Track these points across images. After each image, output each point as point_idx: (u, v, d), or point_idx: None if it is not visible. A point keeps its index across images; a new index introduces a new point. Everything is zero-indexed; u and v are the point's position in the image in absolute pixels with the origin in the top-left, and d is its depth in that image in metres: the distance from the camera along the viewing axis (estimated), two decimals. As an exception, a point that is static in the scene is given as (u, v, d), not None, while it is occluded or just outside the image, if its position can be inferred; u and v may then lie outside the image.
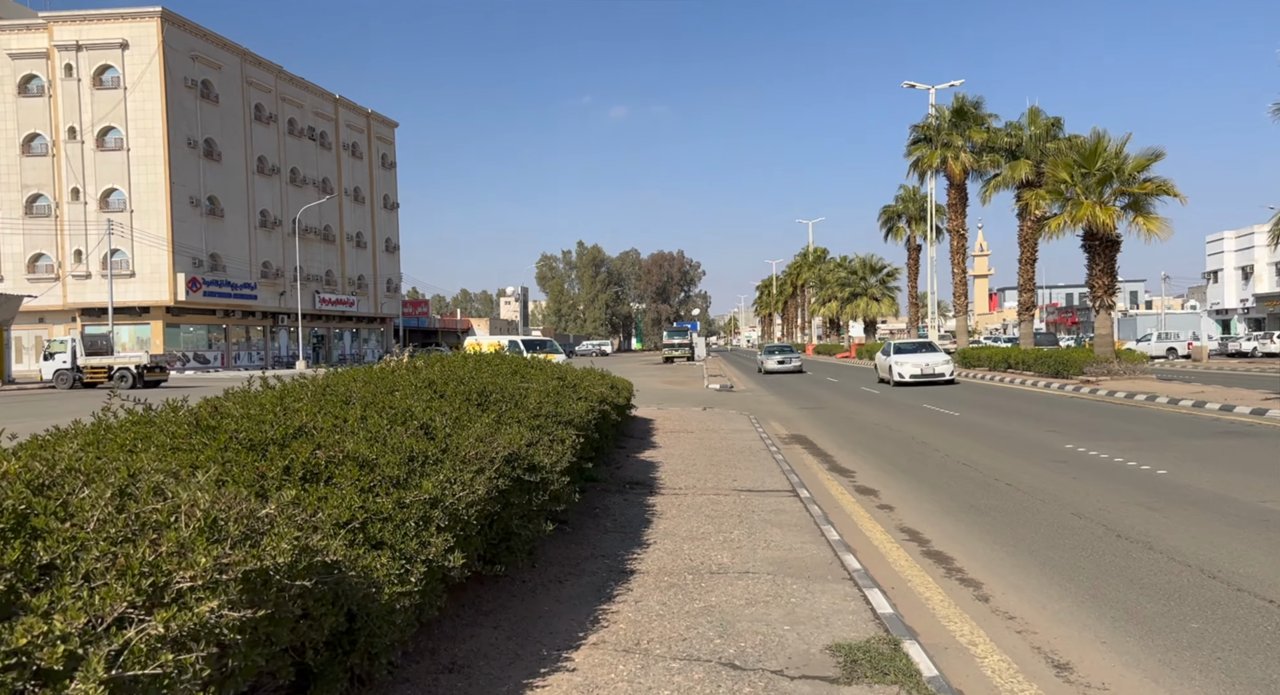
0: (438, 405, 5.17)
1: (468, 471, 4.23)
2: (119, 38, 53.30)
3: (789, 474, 10.89)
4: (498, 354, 8.45)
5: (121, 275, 53.71)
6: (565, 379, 8.52)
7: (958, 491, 10.00)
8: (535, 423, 6.00)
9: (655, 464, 11.76)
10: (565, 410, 6.76)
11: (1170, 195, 25.10)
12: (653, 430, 16.47)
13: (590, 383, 9.47)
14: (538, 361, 9.10)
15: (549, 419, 6.34)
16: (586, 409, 7.72)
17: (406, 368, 6.37)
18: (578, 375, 9.23)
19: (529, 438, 5.46)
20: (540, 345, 33.01)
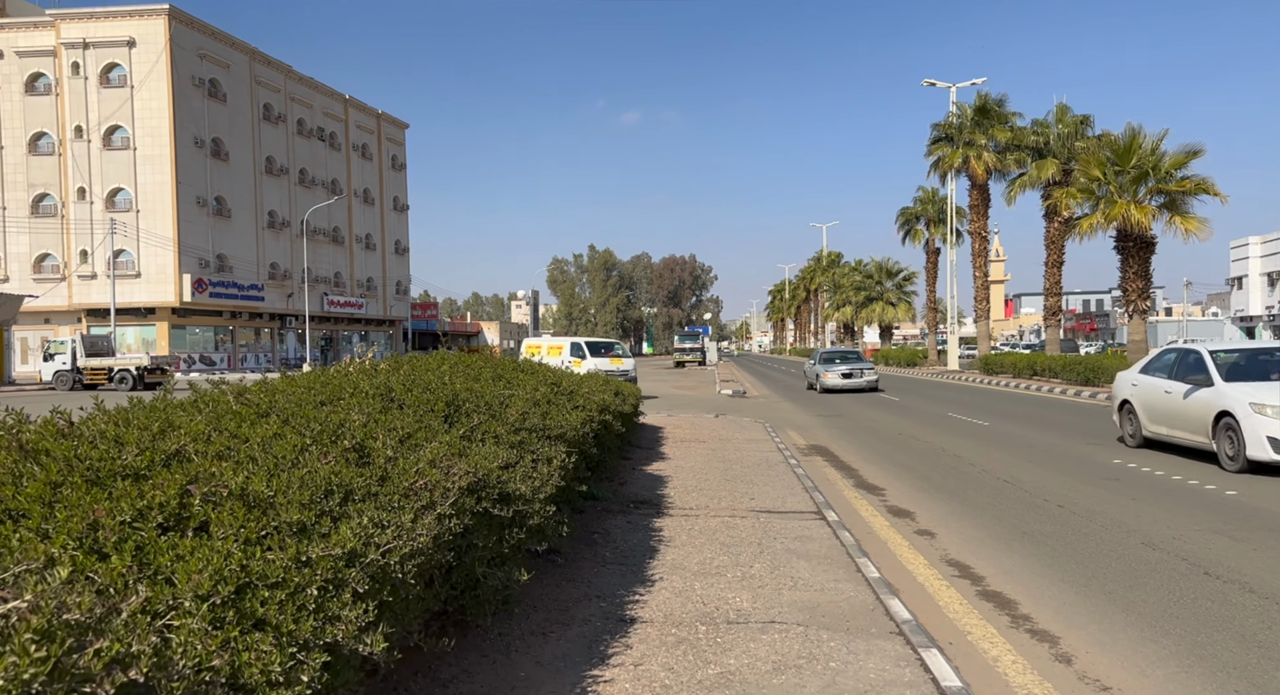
0: (387, 419, 4.11)
1: (409, 510, 3.17)
2: (126, 35, 52.71)
3: (812, 492, 9.78)
4: (482, 356, 7.39)
5: (127, 276, 53.06)
6: (560, 384, 7.46)
7: (1004, 514, 8.87)
8: (516, 438, 4.94)
9: (664, 479, 10.68)
10: (556, 422, 5.69)
11: (1210, 194, 23.84)
12: (662, 439, 15.40)
13: (591, 389, 8.40)
14: (530, 365, 8.04)
15: (534, 434, 5.28)
16: (583, 420, 6.66)
17: (361, 371, 5.33)
18: (576, 380, 8.17)
19: (505, 458, 4.41)
20: (605, 348, 28.84)
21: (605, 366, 25.51)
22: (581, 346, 27.67)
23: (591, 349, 27.63)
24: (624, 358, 28.28)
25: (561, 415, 6.11)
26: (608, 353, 28.05)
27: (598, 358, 26.43)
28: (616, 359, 27.23)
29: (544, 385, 6.85)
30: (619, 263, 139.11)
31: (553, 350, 27.47)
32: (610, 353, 28.10)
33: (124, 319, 52.82)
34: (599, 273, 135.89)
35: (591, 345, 28.15)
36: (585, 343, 28.23)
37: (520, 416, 5.28)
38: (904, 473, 11.96)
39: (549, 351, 27.34)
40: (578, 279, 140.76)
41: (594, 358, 26.22)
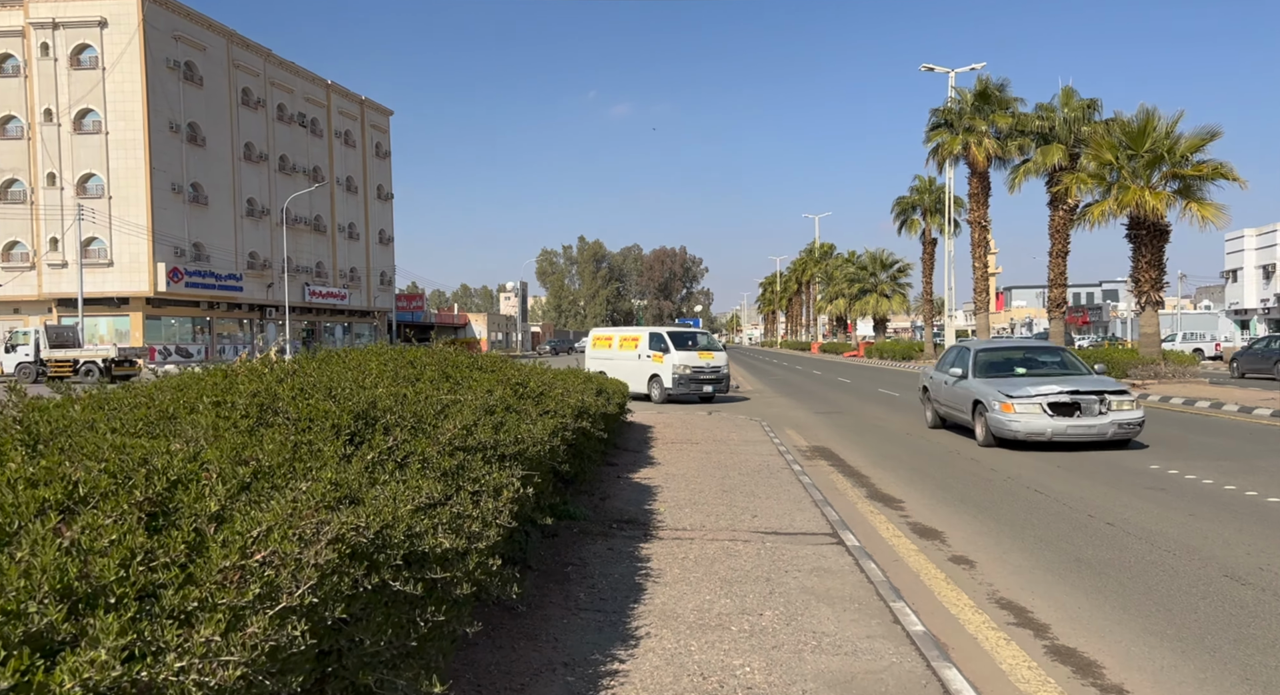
0: (240, 446, 2.79)
1: (220, 616, 1.86)
2: (97, 16, 50.87)
3: (823, 506, 8.51)
4: (429, 350, 6.07)
5: (99, 264, 51.37)
6: (528, 384, 6.14)
7: (1048, 534, 7.62)
8: (451, 462, 3.64)
9: (653, 490, 9.39)
10: (512, 436, 4.38)
11: (1229, 179, 22.64)
12: (651, 441, 14.11)
13: (566, 388, 7.09)
14: (494, 360, 6.71)
15: (480, 454, 3.97)
16: (552, 430, 5.35)
17: (249, 372, 4.01)
18: (547, 379, 6.85)
19: (428, 495, 3.11)
20: (691, 339, 23.51)
21: (693, 362, 22.20)
22: (663, 338, 22.87)
23: (676, 340, 22.81)
24: (715, 351, 23.16)
25: (522, 426, 4.79)
26: (695, 345, 23.17)
27: (683, 351, 22.39)
28: (706, 353, 22.76)
29: (504, 386, 5.53)
30: (609, 254, 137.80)
31: (626, 343, 23.90)
32: (698, 345, 23.30)
33: (96, 309, 51.20)
34: (588, 264, 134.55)
35: (676, 336, 23.21)
36: (668, 333, 23.26)
37: (461, 431, 3.97)
38: (920, 480, 10.71)
39: (621, 344, 23.96)
40: (567, 271, 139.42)
41: (679, 351, 22.29)
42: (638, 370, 22.95)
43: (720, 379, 22.70)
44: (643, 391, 22.65)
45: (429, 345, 29.07)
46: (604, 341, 25.00)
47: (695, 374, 22.21)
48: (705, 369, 22.50)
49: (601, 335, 25.57)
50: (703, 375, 22.33)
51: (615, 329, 25.79)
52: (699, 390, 22.36)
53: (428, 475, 3.44)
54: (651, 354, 22.87)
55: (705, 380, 22.32)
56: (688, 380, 22.06)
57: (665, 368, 22.28)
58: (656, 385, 22.61)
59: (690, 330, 25.13)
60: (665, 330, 23.47)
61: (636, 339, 23.65)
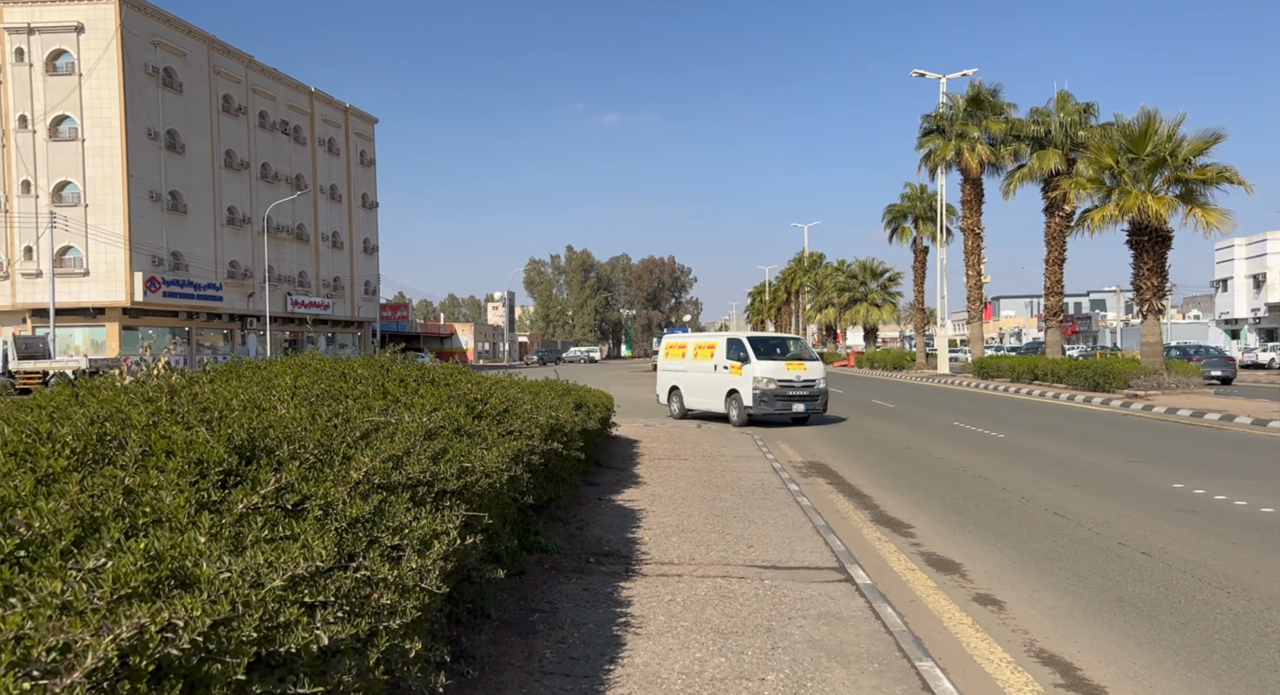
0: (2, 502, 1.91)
1: None
2: (74, 21, 49.87)
3: (825, 533, 7.66)
4: (370, 360, 5.17)
5: (75, 274, 50.22)
6: (488, 400, 5.26)
7: (1080, 567, 6.78)
8: (363, 508, 2.77)
9: (637, 514, 8.51)
10: (454, 468, 3.51)
11: (1234, 183, 21.98)
12: (637, 456, 13.24)
13: (536, 404, 6.22)
14: (450, 372, 5.83)
15: (409, 494, 3.10)
16: (514, 455, 4.47)
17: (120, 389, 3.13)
18: (513, 393, 5.97)
19: (317, 559, 2.24)
20: (779, 347, 19.68)
21: (779, 374, 18.26)
22: (743, 344, 18.96)
23: (758, 347, 18.89)
24: (807, 360, 19.01)
25: (473, 452, 3.92)
26: (783, 353, 19.18)
27: (767, 360, 18.50)
28: (795, 363, 18.67)
29: (456, 404, 4.66)
30: (597, 264, 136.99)
31: (701, 351, 20.26)
32: (786, 353, 19.24)
33: (72, 319, 50.07)
34: (577, 274, 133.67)
35: (759, 343, 19.31)
36: (749, 339, 19.20)
37: (384, 464, 3.10)
38: (927, 501, 9.87)
39: (696, 353, 20.42)
40: (555, 280, 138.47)
41: (762, 361, 18.42)
42: (714, 385, 19.51)
43: (815, 395, 18.60)
44: (720, 410, 19.34)
45: (416, 356, 27.55)
46: (677, 350, 21.39)
47: (782, 389, 18.27)
48: (795, 383, 18.40)
49: (675, 343, 21.74)
50: (792, 390, 18.35)
51: (690, 335, 22.13)
52: (787, 409, 18.28)
53: (327, 528, 2.57)
54: (729, 365, 18.97)
55: (795, 396, 18.34)
56: (772, 397, 18.19)
57: (744, 381, 18.48)
58: (734, 403, 18.73)
59: (778, 336, 21.00)
60: (745, 336, 19.36)
61: (712, 347, 20.00)
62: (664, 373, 21.64)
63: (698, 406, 20.18)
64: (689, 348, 20.93)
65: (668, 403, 21.12)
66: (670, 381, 21.18)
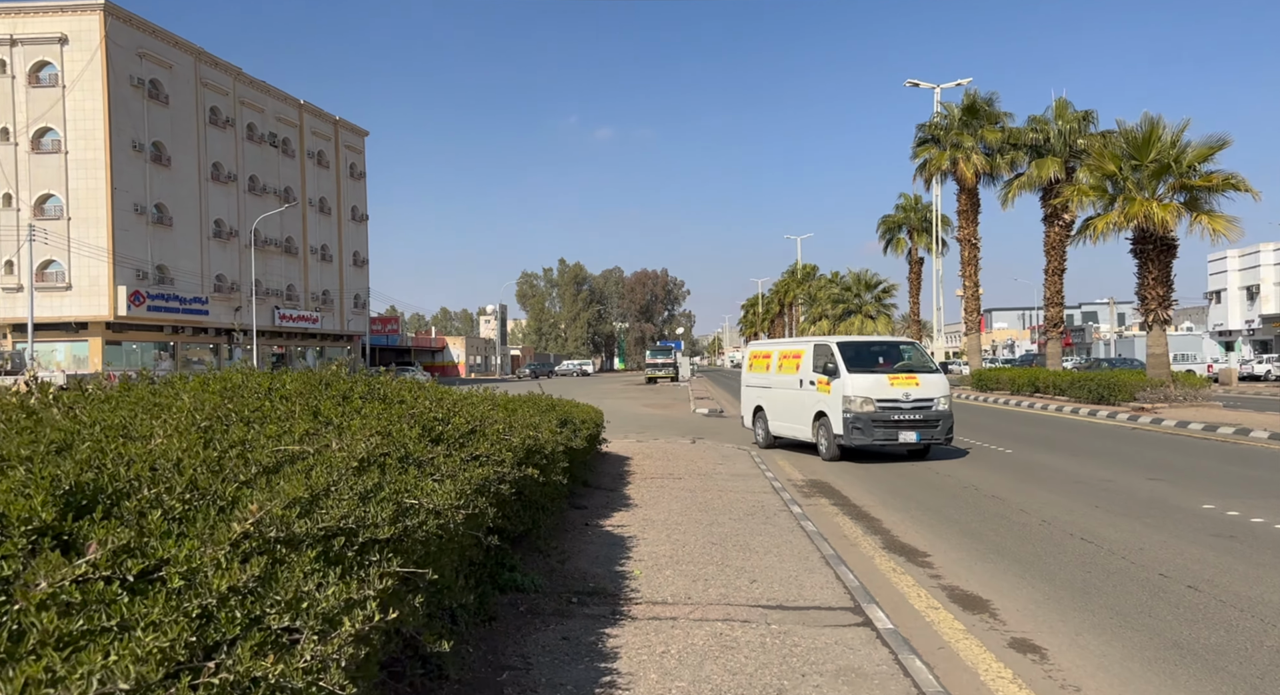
0: None
1: None
2: (58, 32, 49.19)
3: (835, 564, 6.92)
4: (307, 374, 4.40)
5: (57, 288, 49.37)
6: (450, 420, 4.51)
7: (1122, 604, 6.05)
8: (245, 575, 2.03)
9: (626, 542, 7.76)
10: (388, 510, 2.76)
11: (1240, 190, 21.44)
12: (628, 475, 12.48)
13: (511, 423, 5.48)
14: (408, 387, 5.06)
15: (318, 549, 2.36)
16: (478, 486, 3.73)
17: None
18: (483, 411, 5.22)
19: (156, 662, 1.49)
20: (884, 354, 15.43)
21: (881, 392, 13.90)
22: (831, 352, 14.55)
23: (854, 356, 14.59)
24: (922, 372, 14.63)
25: (422, 485, 3.18)
26: (887, 364, 14.95)
27: (864, 373, 14.23)
28: (904, 377, 14.37)
29: (409, 424, 3.91)
30: (590, 277, 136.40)
31: (787, 361, 16.16)
32: (893, 364, 14.98)
33: (54, 334, 49.18)
34: (569, 287, 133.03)
35: (855, 349, 14.93)
36: (839, 345, 14.72)
37: (284, 512, 2.35)
38: (941, 524, 9.13)
39: (781, 363, 16.38)
40: (547, 293, 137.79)
41: (857, 373, 14.15)
42: (800, 405, 15.51)
43: (933, 420, 14.01)
44: (809, 438, 15.18)
45: (406, 370, 26.51)
46: (760, 361, 17.50)
47: (885, 412, 13.85)
48: (902, 404, 13.92)
49: (759, 352, 17.76)
50: (899, 413, 13.88)
51: (774, 342, 17.94)
52: (892, 438, 13.87)
53: (183, 607, 1.83)
54: (815, 379, 14.88)
55: (904, 422, 13.87)
56: (869, 423, 13.76)
57: (833, 401, 14.30)
58: (822, 430, 14.68)
59: (881, 340, 17.14)
60: (837, 341, 15.05)
61: (798, 356, 15.74)
62: (748, 390, 18.01)
63: (784, 433, 16.30)
64: (773, 357, 16.89)
65: (752, 427, 17.70)
66: (754, 400, 17.48)
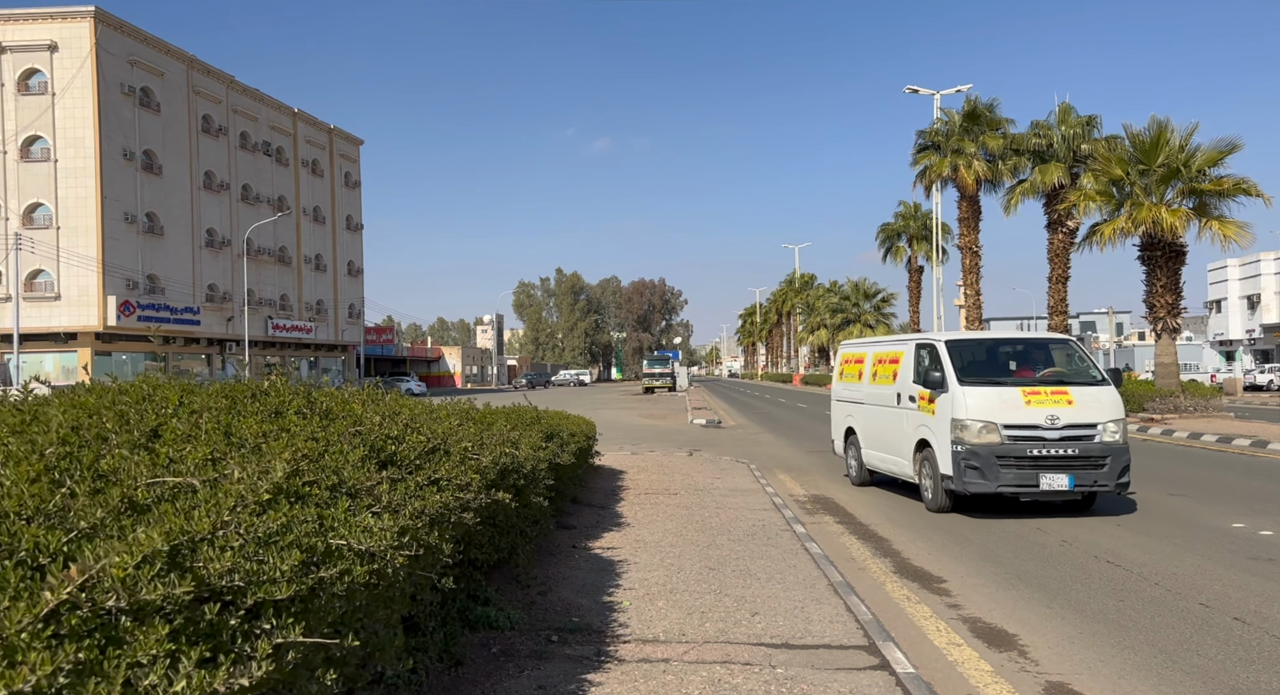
0: None
1: None
2: (47, 39, 48.69)
3: (845, 593, 6.30)
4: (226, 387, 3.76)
5: (46, 298, 48.71)
6: (404, 439, 3.90)
7: (1166, 641, 5.44)
8: (50, 668, 1.41)
9: (616, 568, 7.14)
10: (290, 561, 2.15)
11: (1251, 195, 20.91)
12: (621, 490, 11.86)
13: (484, 440, 4.87)
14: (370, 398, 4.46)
15: (184, 618, 1.74)
16: (431, 518, 3.13)
17: None
18: (451, 426, 4.61)
19: None
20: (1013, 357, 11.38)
21: (1011, 414, 9.73)
22: (937, 355, 10.59)
23: (970, 360, 10.87)
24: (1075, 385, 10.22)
25: (352, 522, 2.58)
26: (1024, 371, 10.99)
27: (986, 385, 10.17)
28: (1052, 392, 10.02)
29: (352, 444, 3.31)
30: (587, 287, 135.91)
31: (882, 367, 12.14)
32: (1030, 373, 10.85)
33: (42, 345, 48.51)
34: (566, 297, 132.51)
35: (970, 350, 11.21)
36: (948, 345, 10.72)
37: (136, 571, 1.74)
38: (955, 545, 8.52)
39: (876, 370, 12.35)
40: (545, 303, 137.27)
41: (973, 385, 10.11)
42: (897, 429, 11.37)
43: (1099, 457, 9.59)
44: (910, 475, 10.94)
45: (401, 380, 25.57)
46: (853, 366, 13.33)
47: (1019, 443, 9.62)
48: (1046, 431, 9.63)
49: (852, 354, 13.58)
50: (1040, 445, 9.60)
51: (869, 342, 13.45)
52: (1030, 482, 9.49)
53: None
54: (915, 393, 10.80)
55: (1051, 460, 9.55)
56: (993, 460, 9.55)
57: (938, 426, 10.18)
58: (927, 467, 10.43)
59: (1010, 337, 12.39)
60: (945, 339, 10.87)
61: (895, 360, 11.74)
62: (838, 405, 13.94)
63: (880, 465, 12.04)
64: (866, 362, 12.75)
65: (843, 455, 13.53)
66: (845, 419, 13.37)
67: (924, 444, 10.58)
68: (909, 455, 10.99)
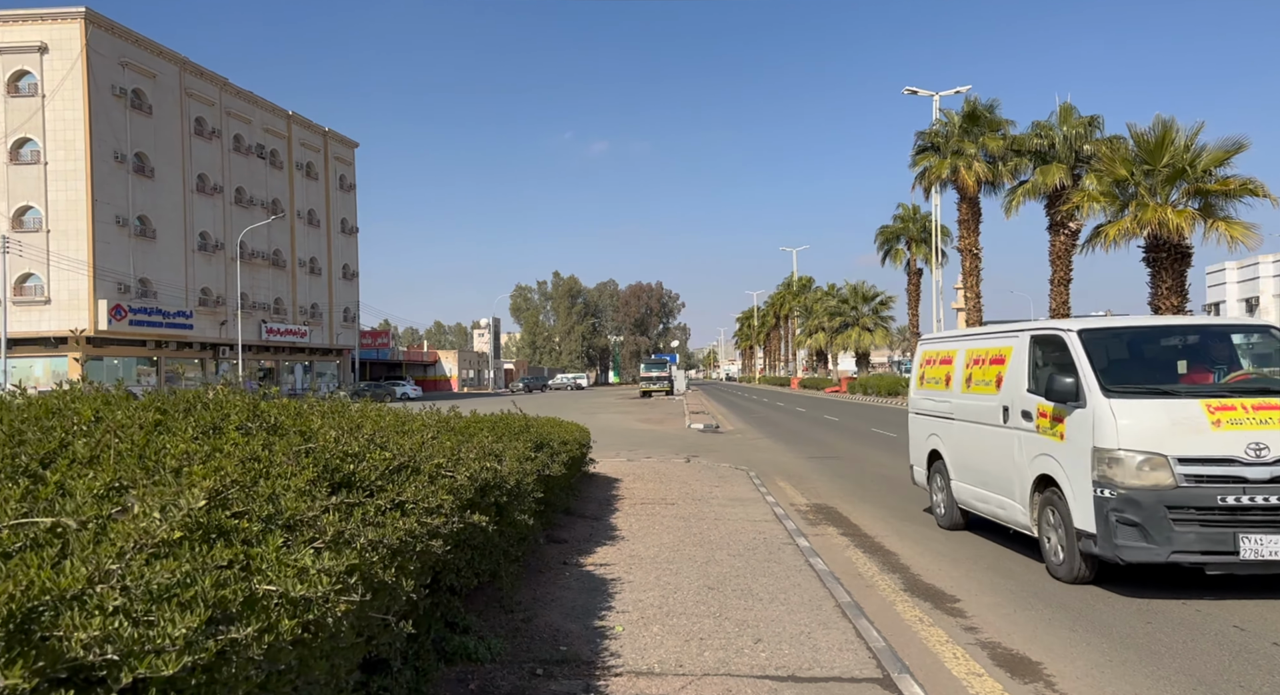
0: None
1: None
2: (37, 40, 48.24)
3: (853, 615, 5.87)
4: (155, 399, 3.32)
5: (36, 302, 48.22)
6: (368, 455, 3.47)
7: (1205, 670, 5.02)
8: None
9: (608, 587, 6.70)
10: (182, 625, 1.71)
11: (1259, 196, 20.56)
12: (616, 500, 11.43)
13: (460, 455, 4.44)
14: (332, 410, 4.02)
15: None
16: (390, 551, 2.69)
17: None
18: (421, 440, 4.18)
19: None
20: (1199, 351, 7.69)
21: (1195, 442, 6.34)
22: (1067, 351, 7.25)
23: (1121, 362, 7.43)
24: None
25: (278, 563, 2.15)
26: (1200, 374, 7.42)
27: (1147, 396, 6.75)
28: (1254, 406, 6.45)
29: (299, 466, 2.88)
30: (584, 290, 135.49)
31: (980, 372, 8.96)
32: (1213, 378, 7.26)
33: (32, 350, 48.02)
34: (563, 300, 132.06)
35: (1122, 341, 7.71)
36: (1083, 337, 7.23)
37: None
38: (967, 559, 8.09)
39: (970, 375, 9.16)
40: (541, 307, 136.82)
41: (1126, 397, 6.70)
42: (1002, 456, 8.26)
43: None
44: (1023, 523, 7.86)
45: (396, 385, 24.91)
46: (936, 368, 10.29)
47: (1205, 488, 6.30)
48: (1250, 470, 6.27)
49: (935, 352, 10.50)
50: (1243, 490, 6.24)
51: (957, 335, 10.21)
52: (1227, 547, 6.16)
53: None
54: (1033, 408, 7.70)
55: (1258, 514, 6.21)
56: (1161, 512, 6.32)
57: (1072, 459, 7.02)
58: (1052, 517, 7.28)
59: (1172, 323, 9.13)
60: (1075, 327, 7.55)
61: (1000, 358, 8.65)
62: (917, 420, 10.69)
63: (979, 505, 8.80)
64: (956, 362, 9.64)
65: (926, 486, 10.36)
66: (928, 438, 10.22)
67: (1046, 481, 7.32)
68: (1022, 496, 7.67)
